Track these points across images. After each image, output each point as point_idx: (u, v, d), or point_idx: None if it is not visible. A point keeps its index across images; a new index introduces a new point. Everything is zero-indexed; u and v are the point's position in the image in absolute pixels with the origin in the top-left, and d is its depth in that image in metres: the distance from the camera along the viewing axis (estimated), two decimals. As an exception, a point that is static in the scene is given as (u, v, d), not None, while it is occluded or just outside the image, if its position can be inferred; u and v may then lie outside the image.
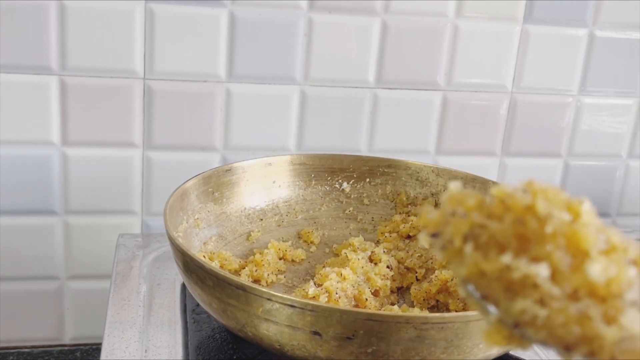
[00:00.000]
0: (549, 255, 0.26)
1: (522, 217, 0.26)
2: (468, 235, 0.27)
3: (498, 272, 0.26)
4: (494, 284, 0.26)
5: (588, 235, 0.26)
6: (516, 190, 0.27)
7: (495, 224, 0.27)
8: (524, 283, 0.25)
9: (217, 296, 0.45)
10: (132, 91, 0.71)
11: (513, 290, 0.26)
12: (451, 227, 0.28)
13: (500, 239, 0.27)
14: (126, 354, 0.50)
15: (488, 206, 0.27)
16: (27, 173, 0.71)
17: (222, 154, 0.75)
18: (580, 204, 0.27)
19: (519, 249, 0.26)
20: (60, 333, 0.78)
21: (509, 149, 0.83)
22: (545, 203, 0.26)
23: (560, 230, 0.26)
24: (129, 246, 0.67)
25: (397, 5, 0.74)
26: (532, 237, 0.26)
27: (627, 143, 0.86)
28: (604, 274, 0.25)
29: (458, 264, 0.28)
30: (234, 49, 0.72)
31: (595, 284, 0.25)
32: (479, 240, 0.27)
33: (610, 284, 0.25)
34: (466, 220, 0.27)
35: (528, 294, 0.25)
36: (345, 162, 0.68)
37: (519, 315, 0.26)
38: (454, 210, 0.28)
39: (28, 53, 0.68)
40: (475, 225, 0.27)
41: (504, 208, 0.27)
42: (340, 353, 0.42)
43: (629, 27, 0.81)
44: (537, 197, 0.27)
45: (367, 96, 0.77)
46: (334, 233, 0.67)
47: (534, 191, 0.27)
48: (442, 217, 0.28)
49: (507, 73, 0.80)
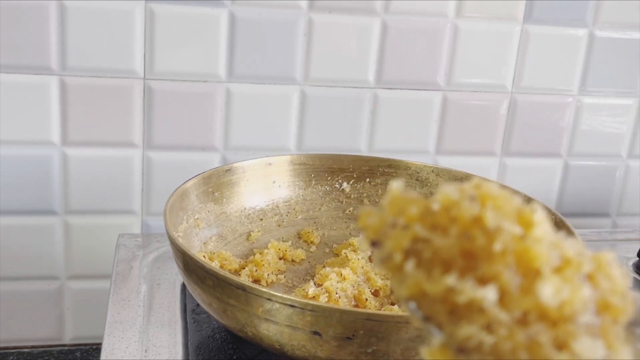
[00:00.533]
0: (497, 276, 0.23)
1: (469, 230, 0.24)
2: (410, 250, 0.25)
3: (442, 294, 0.24)
4: (438, 306, 0.24)
5: (540, 252, 0.23)
6: (463, 197, 0.24)
7: (439, 238, 0.24)
8: (470, 307, 0.23)
9: (217, 296, 0.45)
10: (132, 91, 0.71)
11: (458, 313, 0.24)
12: (391, 240, 0.25)
13: (445, 255, 0.24)
14: (126, 354, 0.50)
15: (433, 215, 0.25)
16: (27, 173, 0.71)
17: (222, 154, 0.75)
18: (533, 214, 0.24)
19: (466, 267, 0.24)
20: (60, 333, 0.78)
21: (509, 149, 0.83)
22: (495, 214, 0.24)
23: (509, 247, 0.23)
24: (129, 246, 0.67)
25: (397, 5, 0.74)
26: (479, 253, 0.24)
27: (627, 143, 0.86)
28: (556, 296, 0.23)
29: (399, 281, 0.25)
30: (234, 49, 0.72)
31: (546, 307, 0.23)
32: (421, 255, 0.24)
33: (562, 307, 0.23)
34: (407, 233, 0.25)
35: (474, 319, 0.23)
36: (345, 162, 0.68)
37: (464, 340, 0.23)
38: (394, 220, 0.25)
39: (28, 53, 0.68)
40: (418, 239, 0.25)
41: (450, 219, 0.24)
42: (340, 353, 0.42)
43: (629, 27, 0.81)
44: (485, 207, 0.24)
45: (367, 96, 0.77)
46: (334, 233, 0.67)
47: (482, 197, 0.24)
48: (381, 225, 0.25)
49: (507, 73, 0.80)
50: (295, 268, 0.61)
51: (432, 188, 0.67)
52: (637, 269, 0.72)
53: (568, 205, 0.87)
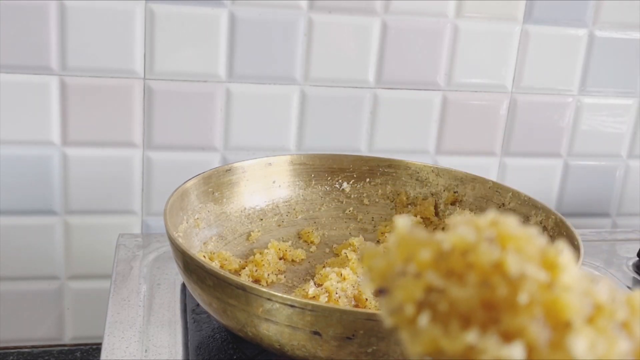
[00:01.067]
0: (523, 330, 0.21)
1: (489, 278, 0.21)
2: (423, 301, 0.22)
3: (462, 352, 0.21)
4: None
5: (570, 302, 0.21)
6: (480, 238, 0.22)
7: (456, 288, 0.21)
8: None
9: (217, 296, 0.45)
10: (132, 91, 0.71)
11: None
12: (402, 290, 0.22)
13: (464, 307, 0.21)
14: (126, 354, 0.50)
15: (447, 259, 0.22)
16: (27, 173, 0.71)
17: (222, 154, 0.75)
18: (558, 256, 0.22)
19: (487, 320, 0.21)
20: (60, 333, 0.78)
21: (509, 149, 0.83)
22: (517, 258, 0.21)
23: (536, 297, 0.21)
24: (129, 246, 0.67)
25: (397, 5, 0.74)
26: (502, 304, 0.21)
27: (627, 143, 0.86)
28: (591, 352, 0.21)
29: (412, 335, 0.22)
30: (234, 49, 0.72)
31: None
32: (436, 307, 0.22)
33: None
34: (420, 283, 0.22)
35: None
36: (345, 162, 0.68)
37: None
38: (404, 268, 0.22)
39: (28, 53, 0.68)
40: (432, 288, 0.22)
41: (466, 264, 0.22)
42: (340, 353, 0.42)
43: (629, 27, 0.81)
44: (506, 251, 0.22)
45: (367, 96, 0.77)
46: (334, 233, 0.67)
47: (501, 238, 0.22)
48: (389, 270, 0.23)
49: (507, 73, 0.80)
50: (295, 268, 0.61)
51: (432, 188, 0.67)
52: (637, 269, 0.72)
53: (568, 205, 0.87)
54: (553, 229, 0.56)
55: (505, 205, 0.62)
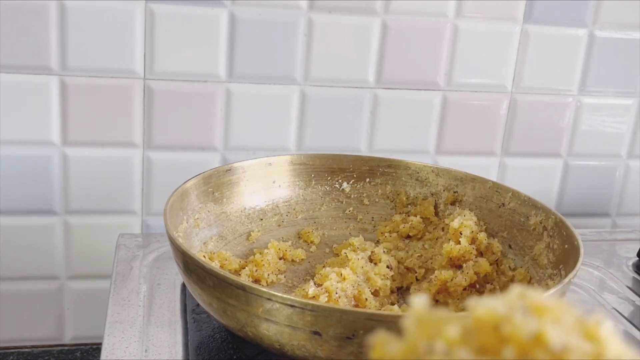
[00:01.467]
0: None
1: (529, 352, 0.19)
2: None
3: None
4: None
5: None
6: (512, 311, 0.19)
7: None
8: None
9: (217, 296, 0.45)
10: (132, 91, 0.71)
11: None
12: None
13: None
14: (126, 354, 0.50)
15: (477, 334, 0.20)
16: (27, 173, 0.71)
17: (222, 154, 0.75)
18: (599, 327, 0.20)
19: None
20: (60, 333, 0.78)
21: (509, 149, 0.83)
22: (558, 330, 0.19)
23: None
24: (129, 246, 0.67)
25: (397, 5, 0.74)
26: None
27: (627, 143, 0.86)
28: None
29: None
30: (234, 49, 0.72)
31: None
32: None
33: None
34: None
35: None
36: (345, 162, 0.68)
37: None
38: (430, 345, 0.20)
39: (28, 53, 0.68)
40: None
41: (500, 339, 0.19)
42: (340, 353, 0.42)
43: (629, 27, 0.81)
44: (544, 321, 0.19)
45: (367, 96, 0.77)
46: (334, 233, 0.67)
47: (536, 310, 0.19)
48: (410, 354, 0.20)
49: (507, 73, 0.80)
50: (295, 268, 0.61)
51: (432, 188, 0.67)
52: (637, 269, 0.72)
53: (568, 205, 0.87)
54: (553, 229, 0.56)
55: (505, 205, 0.62)
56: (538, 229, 0.58)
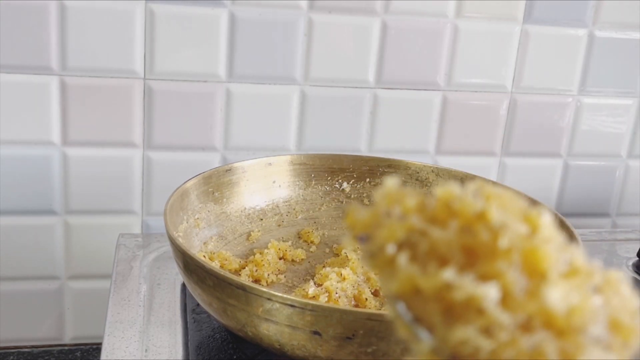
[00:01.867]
0: (500, 274, 0.21)
1: (472, 225, 0.22)
2: (404, 242, 0.22)
3: (437, 291, 0.21)
4: (431, 305, 0.21)
5: (549, 253, 0.21)
6: (465, 193, 0.23)
7: (438, 231, 0.22)
8: (468, 306, 0.21)
9: (217, 296, 0.45)
10: (132, 91, 0.71)
11: (453, 314, 0.21)
12: (384, 230, 0.23)
13: (443, 250, 0.22)
14: (126, 354, 0.50)
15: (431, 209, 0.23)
16: (27, 173, 0.71)
17: (222, 154, 0.75)
18: (540, 216, 0.22)
19: (465, 264, 0.21)
20: (60, 333, 0.78)
21: (509, 149, 0.83)
22: (500, 211, 0.22)
23: (516, 245, 0.21)
24: (129, 246, 0.67)
25: (397, 5, 0.74)
26: (481, 250, 0.21)
27: (627, 143, 0.86)
28: (564, 302, 0.21)
29: (389, 276, 0.22)
30: (234, 49, 0.72)
31: (553, 313, 0.21)
32: (416, 249, 0.22)
33: (571, 315, 0.21)
34: (403, 224, 0.22)
35: (471, 320, 0.21)
36: (345, 162, 0.68)
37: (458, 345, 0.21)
38: (389, 210, 0.23)
39: (28, 53, 0.68)
40: (414, 230, 0.22)
41: (450, 213, 0.22)
42: (340, 353, 0.42)
43: (629, 27, 0.81)
44: (490, 203, 0.22)
45: (367, 96, 0.77)
46: (334, 233, 0.67)
47: (486, 196, 0.22)
48: (374, 217, 0.23)
49: (507, 73, 0.80)
50: (295, 268, 0.61)
51: (432, 188, 0.67)
52: (637, 269, 0.72)
53: (568, 205, 0.87)
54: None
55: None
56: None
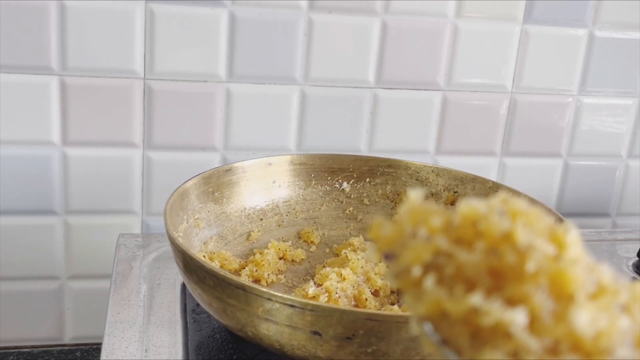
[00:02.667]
0: (527, 298, 0.21)
1: (498, 247, 0.22)
2: (430, 264, 0.22)
3: (464, 315, 0.21)
4: (459, 328, 0.22)
5: (576, 276, 0.21)
6: (491, 211, 0.22)
7: (464, 253, 0.22)
8: (496, 331, 0.21)
9: (217, 296, 0.45)
10: (132, 91, 0.71)
11: (481, 337, 0.21)
12: (410, 252, 0.23)
13: (470, 272, 0.22)
14: (126, 354, 0.50)
15: (457, 228, 0.23)
16: (27, 173, 0.71)
17: (222, 154, 0.75)
18: (566, 234, 0.22)
19: (492, 287, 0.21)
20: (60, 333, 0.78)
21: (509, 149, 0.83)
22: (527, 231, 0.22)
23: (543, 268, 0.21)
24: (129, 246, 0.67)
25: (397, 5, 0.74)
26: (508, 273, 0.21)
27: (627, 143, 0.86)
28: (592, 325, 0.21)
29: (415, 297, 0.22)
30: (234, 49, 0.72)
31: (581, 337, 0.21)
32: (443, 271, 0.22)
33: (599, 338, 0.21)
34: (429, 246, 0.22)
35: (499, 345, 0.21)
36: (345, 162, 0.68)
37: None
38: (414, 230, 0.23)
39: (28, 53, 0.68)
40: (441, 252, 0.22)
41: (476, 233, 0.22)
42: (340, 353, 0.42)
43: (629, 27, 0.81)
44: (516, 223, 0.22)
45: (367, 96, 0.77)
46: (334, 233, 0.67)
47: (512, 213, 0.23)
48: (398, 236, 0.23)
49: (507, 73, 0.80)
50: (295, 268, 0.61)
51: (432, 188, 0.67)
52: (637, 269, 0.72)
53: (568, 205, 0.87)
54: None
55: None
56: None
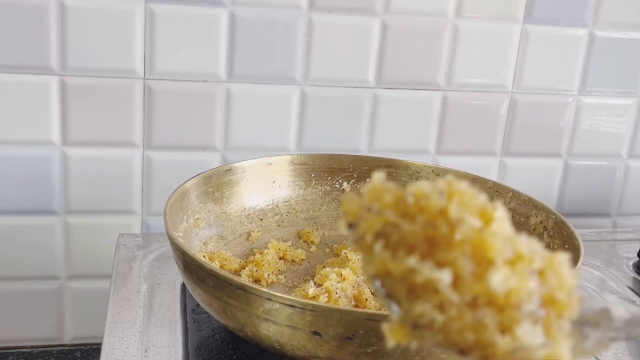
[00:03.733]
0: (453, 262, 0.26)
1: (434, 220, 0.26)
2: (380, 233, 0.27)
3: (403, 274, 0.26)
4: (399, 284, 0.27)
5: (494, 244, 0.26)
6: (433, 191, 0.27)
7: (407, 224, 0.27)
8: (426, 287, 0.26)
9: (217, 296, 0.45)
10: (132, 91, 0.71)
11: (415, 292, 0.26)
12: (365, 222, 0.27)
13: (410, 240, 0.26)
14: (126, 354, 0.50)
15: (406, 204, 0.27)
16: (27, 173, 0.71)
17: (222, 154, 0.75)
18: (494, 210, 0.26)
19: (427, 252, 0.26)
20: (60, 333, 0.78)
21: (509, 149, 0.83)
22: (459, 207, 0.26)
23: (468, 237, 0.26)
24: (129, 246, 0.67)
25: (397, 5, 0.74)
26: (440, 241, 0.26)
27: (627, 143, 0.86)
28: (504, 285, 0.25)
29: (368, 260, 0.27)
30: (234, 49, 0.72)
31: (495, 293, 0.25)
32: (390, 239, 0.27)
33: (509, 295, 0.25)
34: (380, 218, 0.27)
35: (428, 298, 0.26)
36: (345, 162, 0.68)
37: (418, 317, 0.26)
38: (370, 205, 0.28)
39: (28, 53, 0.68)
40: (389, 223, 0.27)
41: (419, 208, 0.27)
42: (340, 353, 0.42)
43: (629, 27, 0.81)
44: (451, 201, 0.26)
45: (367, 96, 0.77)
46: (334, 233, 0.67)
47: (450, 193, 0.27)
48: (359, 209, 0.28)
49: (507, 73, 0.80)
50: (295, 268, 0.61)
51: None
52: (637, 269, 0.72)
53: (568, 205, 0.87)
54: (553, 229, 0.56)
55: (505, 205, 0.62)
56: (538, 229, 0.58)
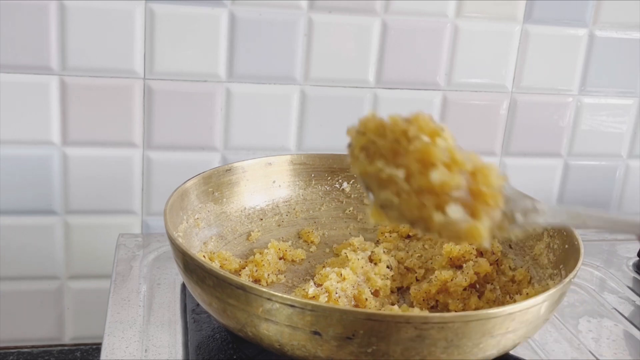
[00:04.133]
0: (408, 164, 0.38)
1: (399, 137, 0.39)
2: (363, 147, 0.40)
3: (375, 172, 0.39)
4: (373, 180, 0.40)
5: (435, 152, 0.38)
6: (401, 120, 0.39)
7: (381, 141, 0.40)
8: (389, 180, 0.39)
9: (217, 296, 0.45)
10: (132, 91, 0.71)
11: (382, 184, 0.39)
12: (355, 140, 0.41)
13: (382, 151, 0.39)
14: (126, 354, 0.50)
15: (383, 128, 0.40)
16: (27, 173, 0.71)
17: (222, 154, 0.75)
18: (442, 131, 0.39)
19: (392, 159, 0.39)
20: (60, 333, 0.78)
21: (509, 149, 0.83)
22: (416, 129, 0.39)
23: (419, 148, 0.38)
24: (129, 246, 0.67)
25: (397, 5, 0.74)
26: (401, 151, 0.39)
27: (627, 143, 0.86)
28: (439, 179, 0.37)
29: (355, 165, 0.41)
30: (234, 49, 0.72)
31: (433, 184, 0.37)
32: (369, 151, 0.40)
33: (443, 185, 0.37)
34: (364, 137, 0.40)
35: (390, 188, 0.39)
36: (345, 162, 0.68)
37: (383, 201, 0.40)
38: (359, 129, 0.41)
39: (28, 53, 0.68)
40: (369, 141, 0.40)
41: (391, 131, 0.39)
42: (340, 353, 0.42)
43: (629, 27, 0.81)
44: (411, 124, 0.39)
45: (367, 96, 0.77)
46: (334, 233, 0.67)
47: (412, 121, 0.39)
48: (354, 133, 0.41)
49: (507, 73, 0.80)
50: (295, 268, 0.61)
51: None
52: (637, 269, 0.72)
53: (568, 205, 0.87)
54: (553, 229, 0.56)
55: (505, 205, 0.62)
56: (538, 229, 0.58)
